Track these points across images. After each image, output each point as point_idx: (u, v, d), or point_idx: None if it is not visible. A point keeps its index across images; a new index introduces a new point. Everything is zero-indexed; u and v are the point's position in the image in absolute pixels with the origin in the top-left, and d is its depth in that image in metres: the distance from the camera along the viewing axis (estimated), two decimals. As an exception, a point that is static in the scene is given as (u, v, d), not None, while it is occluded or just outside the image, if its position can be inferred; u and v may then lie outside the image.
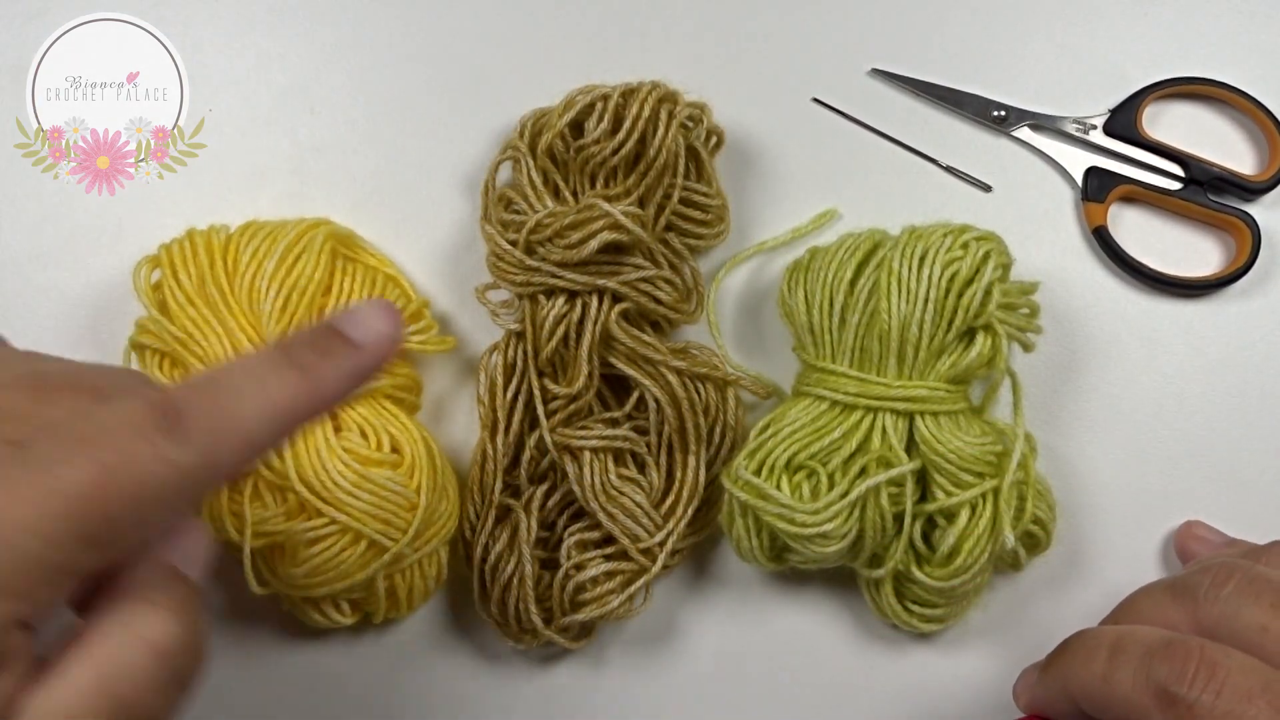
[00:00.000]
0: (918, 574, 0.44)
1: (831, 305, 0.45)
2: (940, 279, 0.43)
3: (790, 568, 0.46)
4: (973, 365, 0.44)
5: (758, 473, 0.44)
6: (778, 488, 0.43)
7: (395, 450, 0.44)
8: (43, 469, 0.27)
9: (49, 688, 0.28)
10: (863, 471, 0.44)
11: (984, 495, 0.43)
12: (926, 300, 0.43)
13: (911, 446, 0.44)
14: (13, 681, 0.27)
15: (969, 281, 0.44)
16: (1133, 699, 0.32)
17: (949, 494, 0.43)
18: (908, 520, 0.44)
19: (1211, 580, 0.35)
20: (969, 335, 0.44)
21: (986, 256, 0.44)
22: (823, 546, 0.43)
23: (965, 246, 0.44)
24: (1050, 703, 0.38)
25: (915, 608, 0.45)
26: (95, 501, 0.27)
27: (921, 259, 0.44)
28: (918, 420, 0.44)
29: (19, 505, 0.27)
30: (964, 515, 0.43)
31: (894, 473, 0.43)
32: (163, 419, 0.29)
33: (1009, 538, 0.42)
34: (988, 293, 0.44)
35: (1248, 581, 0.34)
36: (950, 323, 0.44)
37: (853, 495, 0.43)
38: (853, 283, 0.45)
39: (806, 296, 0.46)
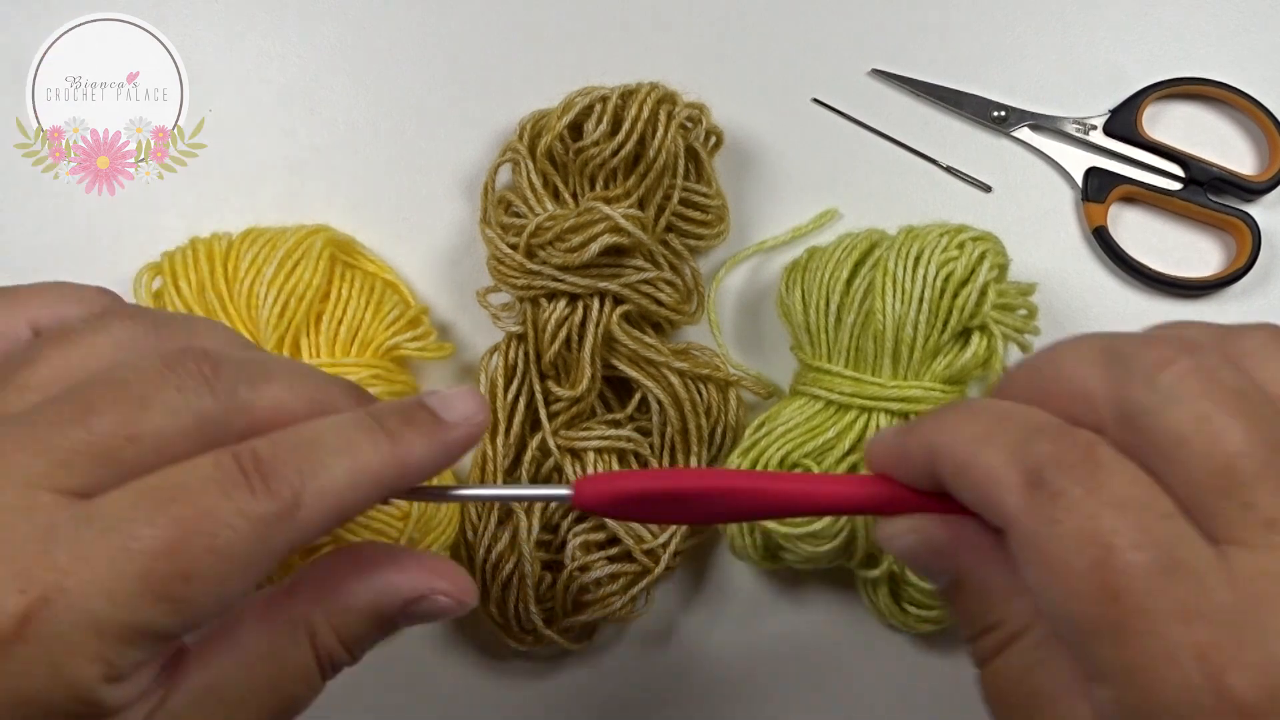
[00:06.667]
0: (910, 576, 0.44)
1: (827, 305, 0.45)
2: (935, 279, 0.44)
3: (787, 567, 0.46)
4: (968, 366, 0.44)
5: None
6: None
7: None
8: (114, 528, 0.26)
9: None
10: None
11: None
12: (921, 300, 0.43)
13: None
14: None
15: (964, 282, 0.44)
16: (997, 471, 0.27)
17: (942, 496, 0.43)
18: None
19: (1155, 359, 0.27)
20: (964, 336, 0.45)
21: (982, 257, 0.44)
22: (814, 546, 0.43)
23: (961, 247, 0.44)
24: (905, 458, 0.31)
25: (911, 608, 0.45)
26: (169, 559, 0.26)
27: (917, 259, 0.44)
28: None
29: (87, 567, 0.26)
30: None
31: None
32: (244, 472, 0.28)
33: None
34: (983, 293, 0.44)
35: (1194, 375, 0.26)
36: (945, 323, 0.44)
37: None
38: (849, 282, 0.45)
39: (803, 296, 0.46)
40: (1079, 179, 0.51)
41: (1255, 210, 0.50)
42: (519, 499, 0.31)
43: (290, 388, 0.31)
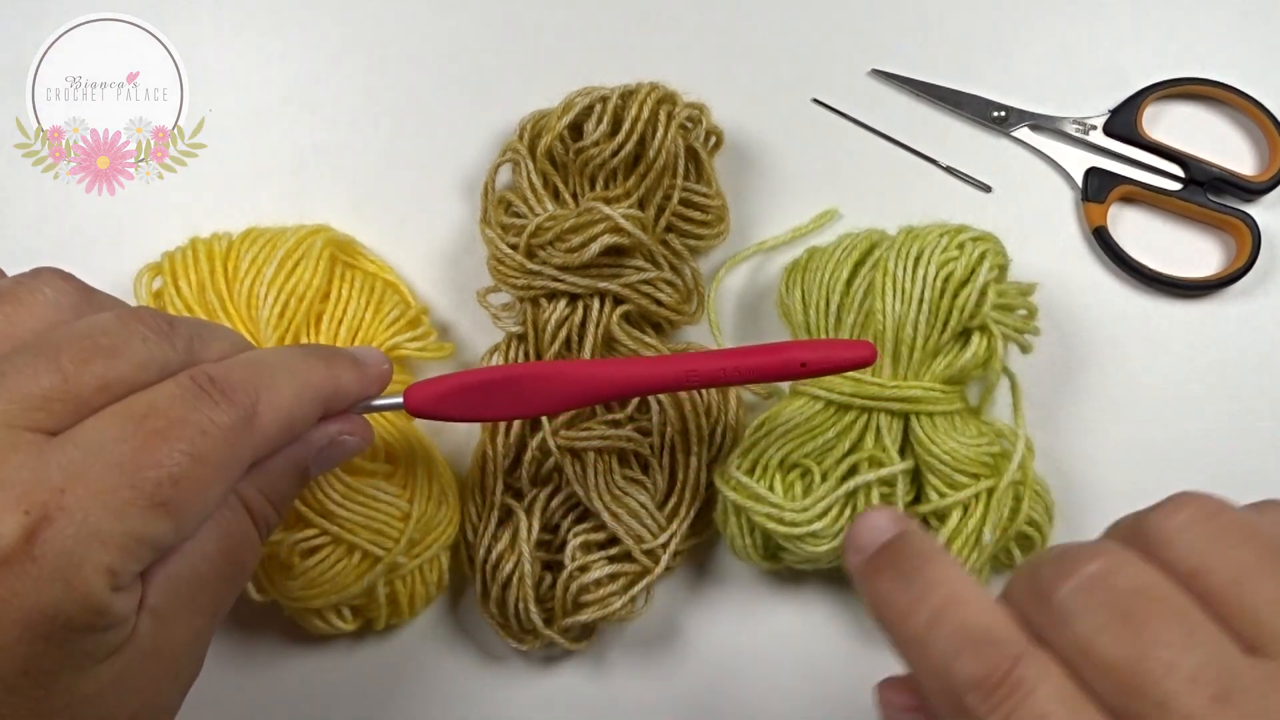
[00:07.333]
0: None
1: (828, 305, 0.45)
2: (935, 279, 0.44)
3: (787, 567, 0.46)
4: (968, 366, 0.44)
5: (750, 471, 0.44)
6: (770, 487, 0.44)
7: (389, 459, 0.44)
8: (101, 447, 0.29)
9: None
10: (854, 471, 0.44)
11: (976, 496, 0.43)
12: (921, 300, 0.43)
13: (906, 447, 0.44)
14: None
15: (964, 282, 0.44)
16: (932, 681, 0.27)
17: (942, 495, 0.43)
18: None
19: (1053, 575, 0.27)
20: (965, 336, 0.45)
21: (982, 257, 0.44)
22: (814, 546, 0.43)
23: (961, 247, 0.44)
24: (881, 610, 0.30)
25: (913, 609, 0.45)
26: (155, 468, 0.29)
27: (917, 259, 0.44)
28: (913, 421, 0.44)
29: (83, 484, 0.28)
30: (954, 516, 0.43)
31: (883, 473, 0.43)
32: (204, 389, 0.31)
33: (985, 536, 0.43)
34: (983, 293, 0.44)
35: (1087, 586, 0.27)
36: (945, 323, 0.44)
37: (840, 493, 0.43)
38: (849, 282, 0.45)
39: (803, 296, 0.46)
40: (1079, 179, 0.51)
41: (1255, 210, 0.50)
42: (360, 411, 0.38)
43: (231, 343, 0.35)
